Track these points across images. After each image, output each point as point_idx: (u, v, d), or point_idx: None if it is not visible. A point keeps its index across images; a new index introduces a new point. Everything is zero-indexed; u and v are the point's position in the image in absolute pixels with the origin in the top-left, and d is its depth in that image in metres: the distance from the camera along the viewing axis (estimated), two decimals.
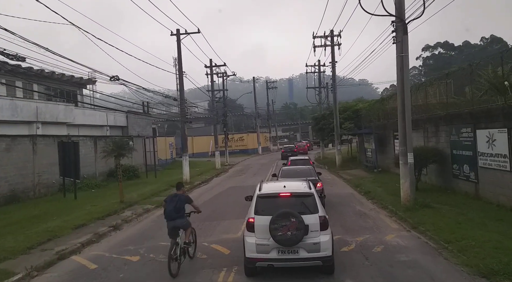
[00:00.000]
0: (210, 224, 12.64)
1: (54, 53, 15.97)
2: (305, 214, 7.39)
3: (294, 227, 7.14)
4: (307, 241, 7.28)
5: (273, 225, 7.20)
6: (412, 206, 12.63)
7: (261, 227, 7.42)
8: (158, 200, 18.51)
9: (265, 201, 7.88)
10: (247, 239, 7.62)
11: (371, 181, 20.78)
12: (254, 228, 7.55)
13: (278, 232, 7.17)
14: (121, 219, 14.29)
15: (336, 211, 13.70)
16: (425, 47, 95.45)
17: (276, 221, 7.20)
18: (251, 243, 7.49)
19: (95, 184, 24.35)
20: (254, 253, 7.45)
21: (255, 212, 7.72)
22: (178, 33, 25.68)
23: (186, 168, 25.53)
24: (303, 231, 7.16)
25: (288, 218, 7.18)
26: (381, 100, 27.54)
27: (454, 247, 8.58)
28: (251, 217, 7.69)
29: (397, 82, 13.65)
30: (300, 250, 7.31)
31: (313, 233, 7.34)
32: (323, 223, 7.47)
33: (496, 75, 12.98)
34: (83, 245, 10.98)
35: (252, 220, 7.61)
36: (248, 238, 7.59)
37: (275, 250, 7.35)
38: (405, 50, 13.07)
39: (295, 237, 7.15)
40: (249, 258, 7.53)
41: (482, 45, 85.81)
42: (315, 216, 7.47)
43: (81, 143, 26.22)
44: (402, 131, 13.33)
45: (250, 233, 7.61)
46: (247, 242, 7.58)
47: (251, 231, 7.59)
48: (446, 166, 15.62)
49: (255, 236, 7.50)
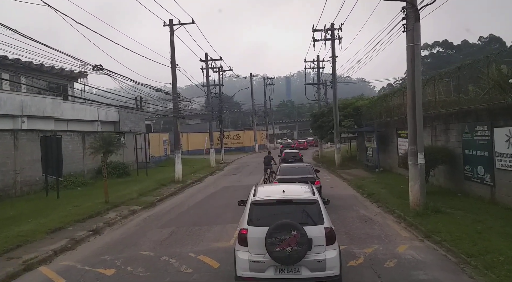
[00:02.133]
0: (200, 229, 11.40)
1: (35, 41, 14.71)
2: (308, 225, 6.17)
3: (295, 242, 5.91)
4: (311, 258, 6.07)
5: (270, 239, 5.96)
6: (423, 211, 11.46)
7: (255, 240, 6.18)
8: (146, 200, 17.31)
9: (261, 208, 6.60)
10: (238, 254, 6.34)
11: (374, 181, 19.62)
12: (247, 242, 6.28)
13: (276, 247, 5.94)
14: (104, 222, 13.05)
15: (338, 215, 12.50)
16: (424, 46, 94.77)
17: (274, 233, 5.97)
18: (243, 260, 6.24)
19: (82, 181, 23.03)
20: (247, 272, 6.21)
21: (248, 221, 6.44)
22: (171, 24, 24.37)
23: (178, 166, 24.27)
24: (306, 247, 5.95)
25: (288, 231, 5.95)
26: (384, 97, 26.36)
27: (478, 262, 7.40)
28: (243, 227, 6.41)
29: (407, 75, 12.46)
30: (302, 268, 6.08)
31: (317, 248, 6.10)
32: (329, 236, 6.23)
33: (501, 73, 12.26)
34: (55, 253, 9.74)
35: (245, 232, 6.34)
36: (240, 253, 6.32)
37: (272, 268, 6.12)
38: (416, 39, 11.87)
39: (296, 253, 5.93)
40: (241, 277, 6.28)
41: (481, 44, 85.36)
42: (320, 228, 6.24)
43: (68, 139, 24.94)
44: (412, 129, 12.14)
45: (242, 247, 6.34)
46: (238, 258, 6.31)
47: (244, 245, 6.32)
48: (457, 167, 14.47)
49: (249, 251, 6.26)
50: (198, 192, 19.91)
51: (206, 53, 35.69)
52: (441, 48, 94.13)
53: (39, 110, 26.22)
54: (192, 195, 18.95)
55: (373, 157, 25.71)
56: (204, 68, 35.63)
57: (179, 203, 16.70)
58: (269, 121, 71.47)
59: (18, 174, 19.36)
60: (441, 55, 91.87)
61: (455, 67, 15.24)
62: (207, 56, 35.66)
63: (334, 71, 30.02)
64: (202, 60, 35.59)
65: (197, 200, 17.29)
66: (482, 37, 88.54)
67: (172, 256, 8.75)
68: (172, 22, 24.44)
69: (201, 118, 69.00)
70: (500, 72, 12.44)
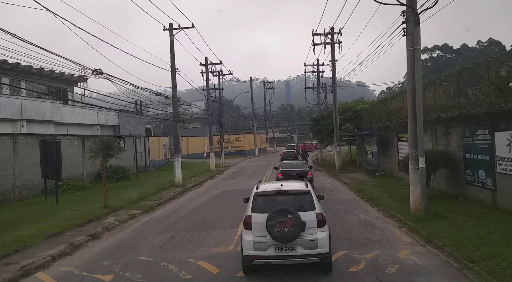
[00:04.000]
0: (200, 234, 11.31)
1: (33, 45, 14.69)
2: (302, 211, 7.35)
3: (290, 224, 7.08)
4: (304, 238, 7.23)
5: (270, 222, 7.11)
6: (424, 216, 11.38)
7: (258, 225, 7.37)
8: (145, 204, 17.23)
9: (262, 199, 7.87)
10: (244, 236, 7.54)
11: (374, 185, 19.53)
12: (251, 226, 7.48)
13: (274, 229, 7.09)
14: (102, 227, 12.97)
15: (339, 220, 12.42)
16: (424, 49, 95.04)
17: (273, 217, 7.12)
18: (248, 241, 7.41)
19: (82, 186, 22.92)
20: (252, 251, 7.35)
21: (252, 209, 7.68)
22: (171, 28, 24.41)
23: (178, 170, 24.19)
24: (299, 228, 7.11)
25: (285, 215, 7.12)
26: (384, 101, 26.31)
27: (481, 267, 7.31)
28: (248, 214, 7.65)
29: (407, 79, 12.41)
30: (297, 247, 7.25)
31: (310, 230, 7.30)
32: (319, 219, 7.46)
33: (500, 77, 12.26)
34: (53, 258, 9.66)
35: (249, 218, 7.55)
36: (246, 235, 7.53)
37: (272, 247, 7.27)
38: (416, 43, 11.85)
39: (292, 233, 7.08)
40: (247, 256, 7.44)
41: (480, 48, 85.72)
42: (311, 213, 7.46)
43: (68, 143, 24.89)
44: (413, 133, 12.09)
45: (247, 230, 7.56)
46: (244, 240, 7.49)
47: (248, 229, 7.53)
48: (458, 171, 14.39)
49: (252, 234, 7.44)
50: (198, 196, 19.82)
51: (206, 57, 35.73)
52: (440, 52, 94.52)
53: (39, 114, 26.16)
54: (192, 199, 18.86)
55: (373, 160, 25.63)
56: (204, 72, 35.64)
57: (179, 207, 16.62)
58: (269, 125, 71.47)
59: (17, 178, 19.28)
60: (441, 59, 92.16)
61: (455, 71, 15.20)
62: (207, 60, 35.68)
63: (334, 75, 30.00)
64: (202, 64, 35.60)
65: (197, 204, 17.20)
66: (480, 41, 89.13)
67: (171, 262, 8.66)
68: (172, 27, 24.48)
69: (201, 122, 68.99)
70: (499, 76, 12.46)
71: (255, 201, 7.82)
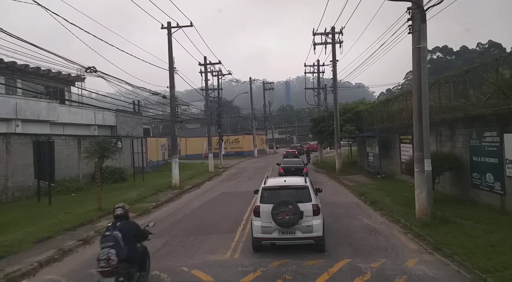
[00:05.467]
0: (195, 239, 10.80)
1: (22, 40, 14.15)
2: (301, 202, 8.94)
3: (291, 212, 8.68)
4: (302, 224, 8.84)
5: (274, 211, 8.73)
6: (430, 221, 10.89)
7: (265, 213, 9.00)
8: (141, 206, 16.72)
9: (269, 192, 9.51)
10: (254, 222, 9.27)
11: (376, 188, 19.04)
12: (259, 214, 9.15)
13: (278, 216, 8.70)
14: (95, 230, 12.46)
15: (341, 225, 11.93)
16: None
17: (277, 207, 8.74)
18: (257, 226, 9.12)
19: (77, 187, 22.39)
20: (260, 234, 9.06)
21: (260, 201, 9.34)
22: (169, 26, 23.90)
23: (175, 171, 23.68)
24: (298, 216, 8.71)
25: (286, 205, 8.73)
26: (386, 102, 25.82)
27: (495, 279, 6.83)
28: (257, 204, 9.36)
29: (413, 78, 11.92)
30: (297, 231, 8.91)
31: (307, 218, 8.90)
32: (315, 209, 9.08)
33: (503, 78, 11.92)
34: (40, 265, 9.16)
35: (258, 207, 9.23)
36: (255, 221, 9.23)
37: (276, 231, 8.93)
38: (422, 41, 11.36)
39: (292, 220, 8.70)
40: (256, 238, 9.15)
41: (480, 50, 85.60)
42: (308, 204, 9.06)
43: (63, 143, 24.38)
44: (418, 135, 11.60)
45: (256, 217, 9.23)
46: (254, 225, 9.21)
47: (257, 216, 9.19)
48: (464, 174, 13.90)
49: (261, 220, 9.09)
50: (195, 199, 19.31)
51: (205, 57, 35.21)
52: (441, 54, 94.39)
53: (34, 114, 25.65)
54: (189, 202, 18.36)
55: (374, 162, 25.15)
56: (202, 72, 35.11)
57: (175, 210, 16.12)
58: (269, 126, 70.96)
59: (9, 179, 18.77)
60: (441, 61, 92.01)
61: (461, 71, 14.72)
62: (206, 60, 35.18)
63: (334, 75, 29.50)
64: (201, 64, 35.09)
65: (194, 207, 16.68)
66: (481, 43, 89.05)
67: (163, 270, 8.15)
68: (170, 25, 23.99)
69: (201, 122, 68.39)
70: (503, 77, 12.11)
71: (263, 193, 9.50)
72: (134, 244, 6.92)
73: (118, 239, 6.53)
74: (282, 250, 9.27)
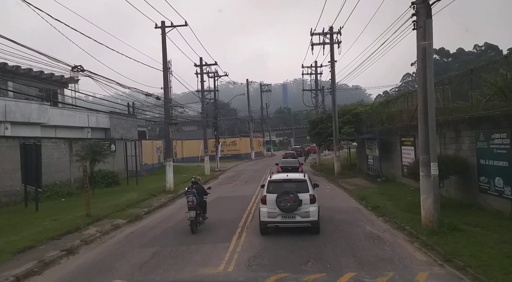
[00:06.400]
0: (187, 249, 10.06)
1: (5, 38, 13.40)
2: (300, 193, 10.79)
3: (292, 201, 10.58)
4: (301, 210, 10.70)
5: (278, 199, 10.62)
6: (438, 229, 10.22)
7: (270, 201, 10.85)
8: (132, 212, 15.99)
9: (274, 184, 11.41)
10: (261, 209, 11.10)
11: (377, 192, 18.38)
12: (266, 202, 10.98)
13: (281, 203, 10.58)
14: (81, 239, 11.72)
15: (342, 232, 11.23)
16: None
17: (280, 196, 10.64)
18: (264, 211, 10.95)
19: (67, 192, 21.61)
20: (266, 218, 10.90)
21: (267, 191, 11.22)
22: (163, 26, 23.23)
23: (169, 175, 22.95)
24: (297, 203, 10.58)
25: (288, 195, 10.63)
26: (386, 103, 25.19)
27: None
28: (264, 194, 11.24)
29: (418, 77, 11.29)
30: (296, 216, 10.75)
31: (305, 205, 10.75)
32: (311, 198, 10.94)
33: (505, 79, 11.60)
34: (17, 279, 8.43)
35: (265, 197, 11.10)
36: (262, 208, 11.07)
37: (280, 215, 10.78)
38: (428, 37, 10.73)
39: (293, 207, 10.60)
40: (263, 221, 11.00)
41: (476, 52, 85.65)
42: (306, 194, 10.91)
43: (54, 146, 23.62)
44: (424, 137, 10.95)
45: (263, 205, 11.08)
46: (261, 211, 11.07)
47: (264, 204, 11.04)
48: (471, 178, 13.24)
49: (267, 207, 10.91)
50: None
51: (200, 58, 34.54)
52: (437, 56, 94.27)
53: (24, 116, 24.91)
54: (183, 207, 17.45)
55: (374, 165, 24.50)
56: (198, 74, 34.43)
57: (168, 216, 15.39)
58: (266, 128, 70.28)
59: None
60: (438, 63, 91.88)
61: (467, 70, 14.12)
62: (201, 60, 34.50)
63: (333, 76, 28.88)
64: (197, 65, 34.41)
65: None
66: (477, 45, 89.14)
67: None
68: (164, 24, 23.33)
69: (198, 125, 67.64)
70: (503, 78, 11.70)
71: (269, 185, 11.43)
72: (202, 197, 12.77)
73: (194, 193, 12.24)
74: (281, 262, 8.60)
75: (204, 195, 12.94)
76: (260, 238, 10.91)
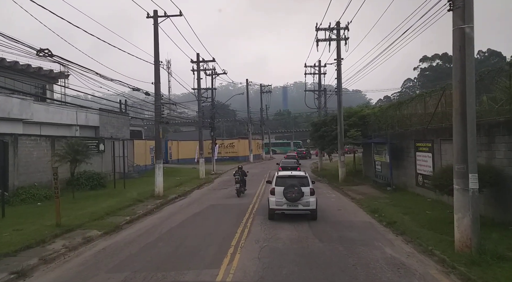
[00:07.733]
0: (164, 278, 7.94)
1: None
2: (302, 186, 13.58)
3: (296, 192, 13.35)
4: (303, 200, 13.46)
5: (285, 191, 13.40)
6: (478, 257, 8.20)
7: (278, 192, 13.65)
8: (111, 221, 13.94)
9: (281, 179, 14.17)
10: (270, 199, 13.88)
11: (389, 203, 16.35)
12: (274, 193, 13.74)
13: (288, 194, 13.37)
14: (40, 257, 9.68)
15: (358, 257, 9.13)
16: (423, 58, 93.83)
17: (287, 188, 13.43)
18: (273, 201, 13.73)
19: (46, 194, 19.48)
20: (274, 206, 13.66)
21: (275, 184, 13.99)
22: (155, 15, 21.21)
23: (159, 178, 20.87)
24: (300, 195, 13.37)
25: (293, 187, 13.43)
26: (397, 105, 23.13)
27: None
28: (273, 187, 14.05)
29: (454, 69, 9.27)
30: (299, 205, 13.50)
31: (306, 197, 13.49)
32: (311, 191, 13.69)
33: None
34: None
35: (273, 189, 13.87)
36: (271, 198, 13.82)
37: (285, 204, 13.53)
38: (468, 19, 8.76)
39: (296, 197, 13.36)
40: (272, 208, 13.74)
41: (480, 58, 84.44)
42: (307, 188, 13.67)
43: (33, 144, 21.53)
44: (461, 142, 8.93)
45: (272, 195, 13.85)
46: (270, 201, 13.83)
47: (273, 194, 13.80)
48: (507, 192, 11.22)
49: (275, 197, 13.68)
50: (178, 212, 16.48)
51: (197, 53, 32.49)
52: (440, 61, 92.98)
53: (4, 111, 22.82)
54: (170, 216, 15.54)
55: (383, 172, 22.47)
56: (195, 70, 32.39)
57: (150, 228, 13.30)
58: (265, 131, 68.21)
59: None
60: (441, 68, 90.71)
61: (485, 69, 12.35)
62: (198, 56, 32.45)
63: (339, 75, 26.83)
64: (193, 61, 32.38)
65: (174, 224, 13.83)
66: (481, 51, 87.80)
67: None
68: (157, 14, 21.31)
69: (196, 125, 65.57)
70: None
71: (277, 180, 14.06)
72: (243, 177, 20.84)
73: (240, 173, 20.53)
74: None
75: (244, 175, 20.89)
76: (257, 263, 8.70)
